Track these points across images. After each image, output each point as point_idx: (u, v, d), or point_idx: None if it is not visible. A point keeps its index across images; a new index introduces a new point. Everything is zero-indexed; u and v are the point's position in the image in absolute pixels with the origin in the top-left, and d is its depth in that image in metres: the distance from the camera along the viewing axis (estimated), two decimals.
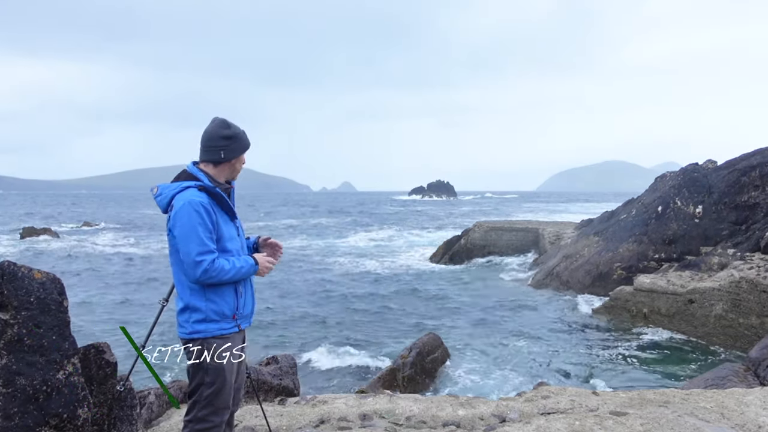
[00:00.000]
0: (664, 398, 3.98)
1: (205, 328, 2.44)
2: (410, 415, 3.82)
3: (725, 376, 5.15)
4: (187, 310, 2.45)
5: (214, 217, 2.45)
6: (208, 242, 2.37)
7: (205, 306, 2.44)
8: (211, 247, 2.38)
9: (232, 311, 2.50)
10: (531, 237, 19.35)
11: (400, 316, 12.05)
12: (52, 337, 2.59)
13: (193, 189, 2.44)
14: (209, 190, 2.46)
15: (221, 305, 2.47)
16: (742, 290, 9.62)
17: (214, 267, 2.36)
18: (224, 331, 2.48)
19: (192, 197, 2.40)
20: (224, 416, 2.51)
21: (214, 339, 2.46)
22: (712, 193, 12.17)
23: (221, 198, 2.49)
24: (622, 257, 12.77)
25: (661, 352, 9.09)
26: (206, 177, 2.53)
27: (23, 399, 2.45)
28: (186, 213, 2.36)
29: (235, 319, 2.52)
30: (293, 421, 3.74)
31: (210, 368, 2.44)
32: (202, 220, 2.36)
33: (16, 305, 2.52)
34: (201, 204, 2.38)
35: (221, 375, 2.45)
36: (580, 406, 3.85)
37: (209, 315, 2.45)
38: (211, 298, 2.45)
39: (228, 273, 2.40)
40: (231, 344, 2.51)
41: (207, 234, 2.37)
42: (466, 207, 79.71)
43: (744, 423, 3.46)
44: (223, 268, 2.38)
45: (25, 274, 2.58)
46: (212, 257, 2.36)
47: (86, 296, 14.26)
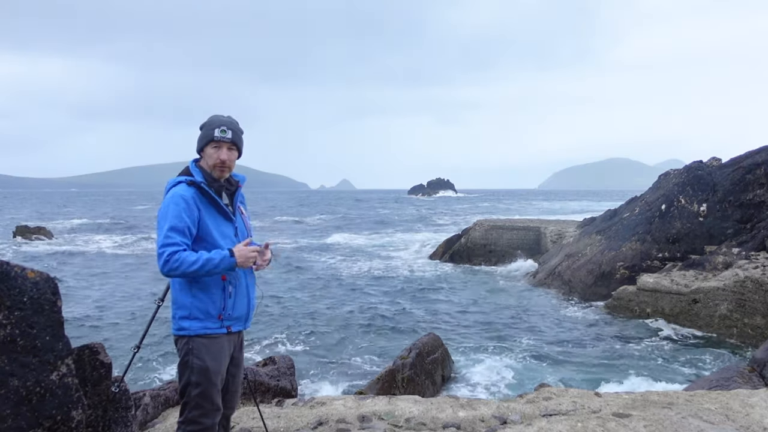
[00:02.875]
0: (668, 400, 3.93)
1: (189, 325, 2.40)
2: (410, 417, 3.78)
3: (730, 377, 5.09)
4: (174, 305, 2.45)
5: (197, 212, 2.41)
6: (174, 234, 2.32)
7: (189, 303, 2.41)
8: (176, 240, 2.31)
9: (217, 311, 2.44)
10: (532, 236, 19.28)
11: (399, 316, 12.00)
12: (46, 338, 2.55)
13: (183, 184, 2.45)
14: (198, 186, 2.45)
15: (206, 303, 2.42)
16: (747, 290, 9.54)
17: (175, 258, 2.28)
18: (209, 330, 2.43)
19: (175, 191, 2.41)
20: (215, 418, 2.47)
21: (199, 338, 2.41)
22: (717, 191, 12.08)
23: (209, 195, 2.46)
24: (625, 256, 12.69)
25: (664, 353, 9.02)
26: (201, 173, 2.52)
27: (16, 400, 2.42)
28: (164, 206, 2.39)
29: (221, 320, 2.45)
30: (291, 422, 3.70)
31: (195, 368, 2.40)
32: (177, 213, 2.34)
33: (9, 305, 2.49)
34: (182, 197, 2.38)
35: (206, 375, 2.40)
36: (582, 407, 3.81)
37: (193, 312, 2.41)
38: (197, 295, 2.41)
39: (194, 264, 2.28)
40: (219, 346, 2.45)
41: (179, 227, 2.33)
42: (466, 205, 79.62)
43: (749, 425, 3.41)
44: (186, 260, 2.28)
45: (18, 274, 2.54)
46: (172, 249, 2.29)
47: (81, 296, 14.16)
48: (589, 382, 7.61)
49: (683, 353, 9.00)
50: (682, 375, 7.99)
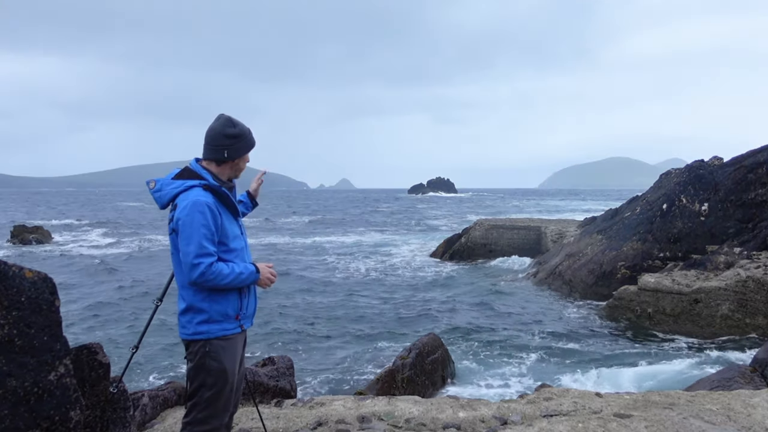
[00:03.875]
0: (669, 400, 3.91)
1: (207, 329, 2.39)
2: (410, 418, 3.76)
3: (731, 377, 5.07)
4: (190, 311, 2.40)
5: (219, 218, 2.40)
6: (208, 245, 2.31)
7: (208, 307, 2.40)
8: (211, 250, 2.31)
9: (235, 311, 2.46)
10: (533, 235, 19.25)
11: (399, 316, 11.96)
12: (44, 338, 2.54)
13: (198, 188, 2.39)
14: (215, 190, 2.41)
15: (225, 306, 2.43)
16: (748, 290, 9.51)
17: (211, 270, 2.30)
18: (227, 332, 2.44)
19: (197, 197, 2.35)
20: (224, 419, 2.47)
21: (217, 340, 2.41)
22: (719, 190, 12.04)
23: (226, 197, 2.44)
24: (626, 256, 12.66)
25: (665, 353, 9.00)
26: (210, 175, 2.48)
27: (14, 401, 2.41)
28: (189, 213, 2.31)
29: (238, 320, 2.47)
30: (290, 423, 3.69)
31: (212, 370, 2.39)
32: (206, 222, 2.31)
33: (7, 305, 2.48)
34: (206, 205, 2.33)
35: (223, 377, 2.41)
36: (583, 408, 3.79)
37: (213, 316, 2.40)
38: (215, 299, 2.41)
39: (226, 278, 2.33)
40: (234, 345, 2.47)
41: (209, 236, 2.32)
42: (466, 204, 79.55)
43: (751, 425, 3.39)
44: (221, 272, 2.32)
45: (15, 273, 2.53)
46: (210, 260, 2.30)
47: (78, 296, 14.11)
48: (589, 383, 7.59)
49: (684, 353, 8.97)
50: (683, 375, 7.96)
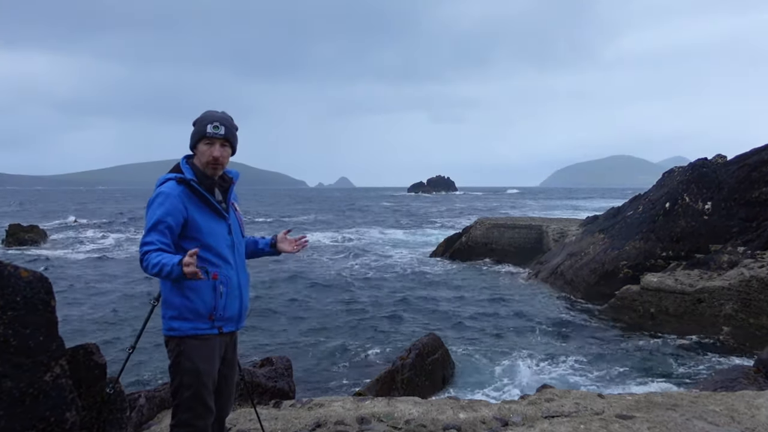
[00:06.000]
0: (672, 401, 3.87)
1: (179, 326, 2.37)
2: (409, 419, 3.73)
3: (735, 378, 5.03)
4: (164, 304, 2.41)
5: (185, 211, 2.38)
6: (153, 234, 2.29)
7: (179, 302, 2.37)
8: (152, 239, 2.28)
9: (208, 311, 2.39)
10: (534, 234, 19.18)
11: (399, 316, 11.90)
12: (39, 338, 2.52)
13: (172, 182, 2.41)
14: (187, 183, 2.41)
15: (196, 303, 2.38)
16: (752, 289, 9.45)
17: (145, 258, 2.26)
18: (199, 331, 2.39)
19: (161, 189, 2.38)
20: (208, 420, 2.42)
21: (190, 339, 2.37)
22: (722, 188, 11.96)
23: (199, 192, 2.42)
24: (628, 255, 12.60)
25: (668, 354, 8.94)
26: (191, 170, 2.48)
27: (9, 402, 2.39)
28: (149, 204, 2.37)
29: (211, 320, 2.41)
30: (288, 424, 3.66)
31: (186, 370, 2.36)
32: (160, 212, 2.31)
33: (2, 305, 2.46)
34: (168, 196, 2.35)
35: (197, 378, 2.36)
36: (585, 409, 3.76)
37: (182, 312, 2.37)
38: (187, 295, 2.37)
39: (153, 268, 2.22)
40: (210, 346, 2.41)
41: (158, 226, 2.30)
42: (466, 203, 79.37)
43: (755, 426, 3.35)
44: (150, 262, 2.24)
45: (11, 273, 2.51)
46: (145, 249, 2.27)
47: (74, 296, 14.05)
48: (591, 383, 7.55)
49: (687, 354, 8.92)
50: (686, 376, 7.92)
